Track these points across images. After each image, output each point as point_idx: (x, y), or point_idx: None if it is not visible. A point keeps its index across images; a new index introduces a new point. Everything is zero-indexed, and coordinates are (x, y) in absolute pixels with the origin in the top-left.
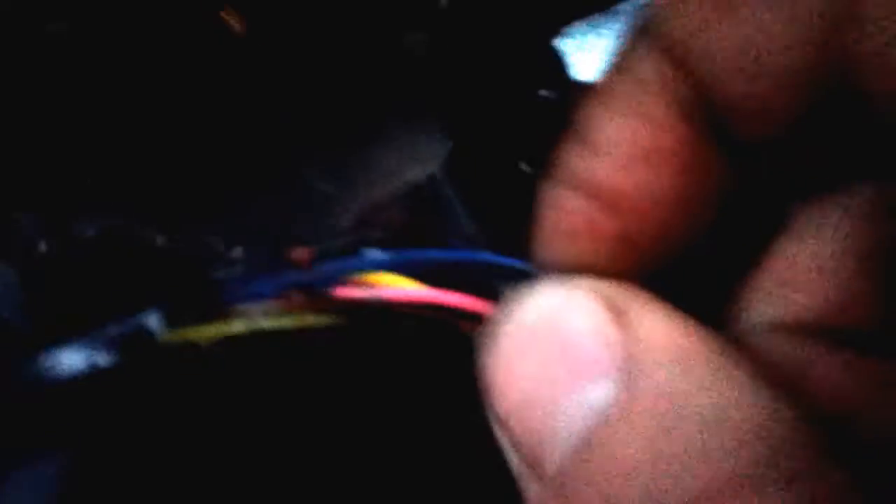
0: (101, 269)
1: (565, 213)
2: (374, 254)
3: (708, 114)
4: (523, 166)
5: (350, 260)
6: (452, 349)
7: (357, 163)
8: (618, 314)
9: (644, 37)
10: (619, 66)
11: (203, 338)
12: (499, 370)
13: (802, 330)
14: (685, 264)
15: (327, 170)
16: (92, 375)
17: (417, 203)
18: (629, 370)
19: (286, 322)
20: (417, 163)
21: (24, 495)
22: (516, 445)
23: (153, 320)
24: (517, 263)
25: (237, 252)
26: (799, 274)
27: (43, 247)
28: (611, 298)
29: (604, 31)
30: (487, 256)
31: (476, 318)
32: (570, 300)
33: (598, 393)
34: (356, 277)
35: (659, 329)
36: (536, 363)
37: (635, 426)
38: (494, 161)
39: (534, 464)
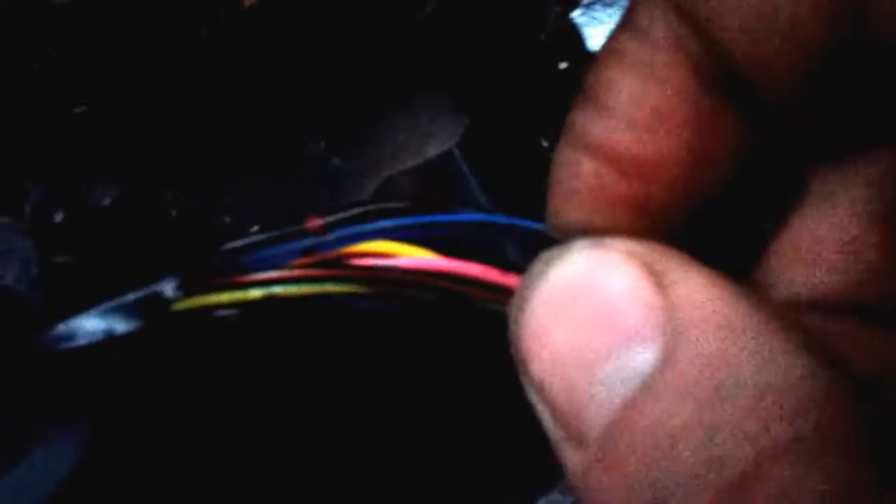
0: (117, 238)
1: (578, 176)
2: (392, 221)
3: (721, 72)
4: (542, 141)
5: (364, 226)
6: (469, 318)
7: (372, 138)
8: (656, 276)
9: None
10: (630, 25)
11: (218, 304)
12: (532, 334)
13: (826, 306)
14: (702, 228)
15: (342, 145)
16: (109, 342)
17: (433, 179)
18: (672, 335)
19: (302, 289)
20: (434, 138)
21: (45, 462)
22: (553, 411)
23: (169, 287)
24: (533, 225)
25: (252, 230)
26: (820, 251)
27: (59, 217)
28: (647, 260)
29: (620, 4)
30: (503, 218)
31: (492, 288)
32: (605, 262)
33: (639, 358)
34: (371, 245)
35: (700, 292)
36: (572, 327)
37: (682, 393)
38: (512, 137)
39: (573, 430)
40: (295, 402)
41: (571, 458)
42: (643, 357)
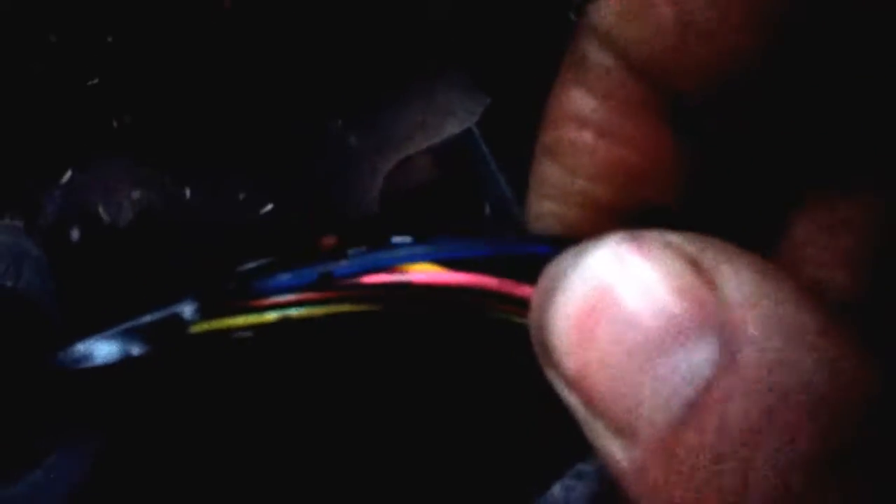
0: (134, 258)
1: (552, 225)
2: (403, 240)
3: (671, 110)
4: None
5: (380, 253)
6: (484, 332)
7: (390, 117)
8: (702, 271)
9: (599, 44)
10: (579, 80)
11: (234, 327)
12: (567, 329)
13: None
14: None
15: (359, 123)
16: (126, 364)
17: (452, 158)
18: (728, 333)
19: (317, 310)
20: (453, 117)
21: (60, 478)
22: (594, 406)
23: (186, 310)
24: (545, 249)
25: (267, 208)
26: (812, 259)
27: (75, 235)
28: (690, 251)
29: None
30: (518, 246)
31: (507, 300)
32: (644, 255)
33: (697, 357)
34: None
35: (753, 287)
36: (615, 323)
37: (746, 392)
38: (534, 117)
39: (621, 426)
40: (310, 423)
41: (618, 453)
42: (701, 356)
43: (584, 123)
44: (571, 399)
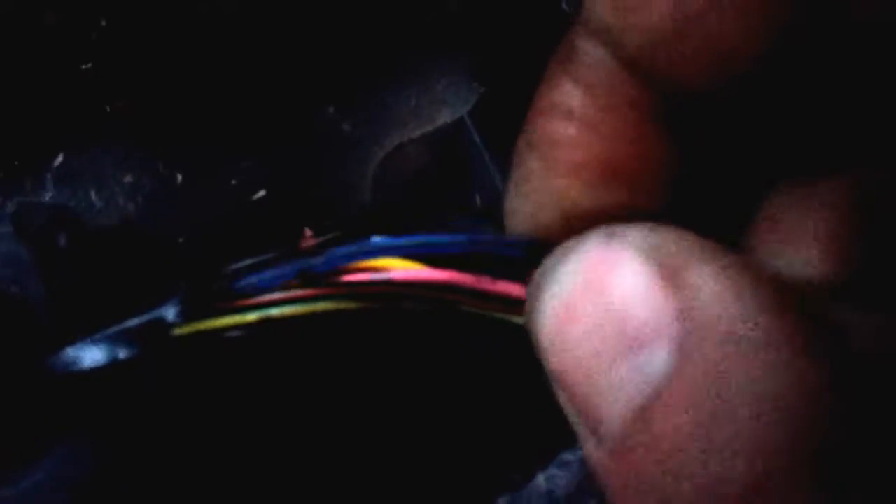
0: (118, 263)
1: (535, 228)
2: (384, 240)
3: (659, 104)
4: None
5: (358, 245)
6: (463, 329)
7: (383, 104)
8: (670, 274)
9: (588, 36)
10: (567, 72)
11: (216, 328)
12: (548, 329)
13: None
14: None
15: (352, 110)
16: (113, 368)
17: (443, 147)
18: (682, 341)
19: (297, 309)
20: (446, 106)
21: (61, 479)
22: (574, 404)
23: (170, 313)
24: (517, 253)
25: (260, 193)
26: (787, 238)
27: (62, 241)
28: (662, 254)
29: None
30: (490, 246)
31: (484, 296)
32: (618, 259)
33: (651, 362)
34: (365, 262)
35: (713, 294)
36: (586, 325)
37: (689, 404)
38: (526, 110)
39: (591, 423)
40: (296, 416)
41: (589, 448)
42: (655, 361)
43: (570, 115)
44: (559, 393)
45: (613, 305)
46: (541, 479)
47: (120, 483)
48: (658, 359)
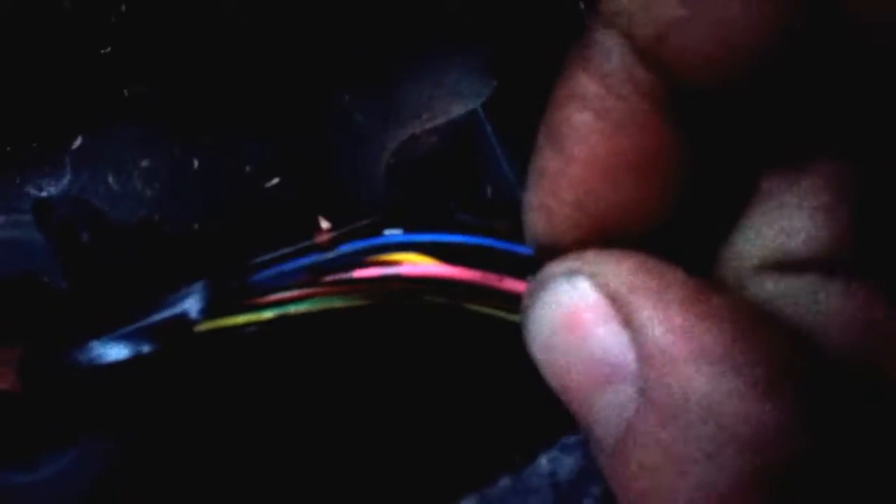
0: (141, 259)
1: (552, 223)
2: (396, 234)
3: (676, 99)
4: None
5: (371, 240)
6: (471, 326)
7: (397, 95)
8: (624, 310)
9: (603, 25)
10: (585, 63)
11: (235, 325)
12: (537, 351)
13: (789, 265)
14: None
15: (366, 101)
16: (136, 363)
17: (456, 139)
18: (643, 375)
19: (313, 307)
20: (460, 98)
21: (82, 468)
22: (572, 411)
23: (192, 309)
24: (523, 250)
25: (273, 182)
26: (779, 217)
27: (85, 237)
28: (615, 288)
29: None
30: (496, 243)
31: (490, 293)
32: (580, 297)
33: (620, 396)
34: (377, 257)
35: (664, 324)
36: (566, 357)
37: (653, 432)
38: (541, 101)
39: (588, 433)
40: (311, 419)
41: (591, 448)
42: (624, 396)
43: (585, 105)
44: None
45: (585, 345)
46: (543, 462)
47: (138, 478)
48: (625, 393)
